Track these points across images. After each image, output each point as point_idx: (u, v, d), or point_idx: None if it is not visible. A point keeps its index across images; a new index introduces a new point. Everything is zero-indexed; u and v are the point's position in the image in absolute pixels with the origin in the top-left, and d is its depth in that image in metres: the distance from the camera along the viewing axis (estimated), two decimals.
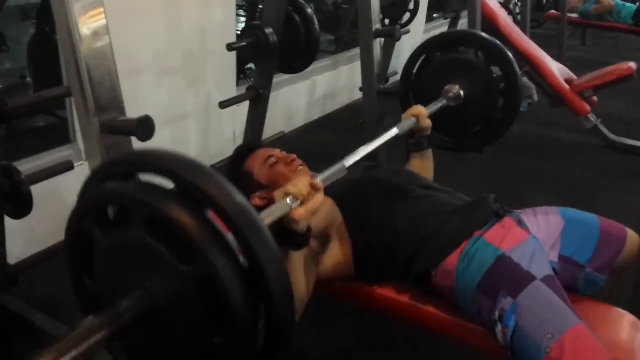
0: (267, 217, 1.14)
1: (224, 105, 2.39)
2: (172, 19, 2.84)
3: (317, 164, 2.53)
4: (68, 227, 1.04)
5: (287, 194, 1.22)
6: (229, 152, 3.04)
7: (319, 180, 1.31)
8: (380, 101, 2.55)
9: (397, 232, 1.54)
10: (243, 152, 1.84)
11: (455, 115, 2.20)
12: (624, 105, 4.78)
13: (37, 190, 1.55)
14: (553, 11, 6.55)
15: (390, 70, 3.20)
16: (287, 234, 1.23)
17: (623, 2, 6.18)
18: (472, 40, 2.37)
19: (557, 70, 3.97)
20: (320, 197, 1.27)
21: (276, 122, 3.44)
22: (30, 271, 1.90)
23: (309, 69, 2.85)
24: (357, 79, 4.44)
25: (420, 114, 1.87)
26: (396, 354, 2.01)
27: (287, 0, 2.43)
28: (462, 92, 2.18)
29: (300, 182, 1.24)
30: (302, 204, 1.22)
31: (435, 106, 2.07)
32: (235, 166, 1.80)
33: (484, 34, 2.38)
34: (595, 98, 3.87)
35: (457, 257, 1.46)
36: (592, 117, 3.87)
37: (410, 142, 1.94)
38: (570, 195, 3.16)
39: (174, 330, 0.92)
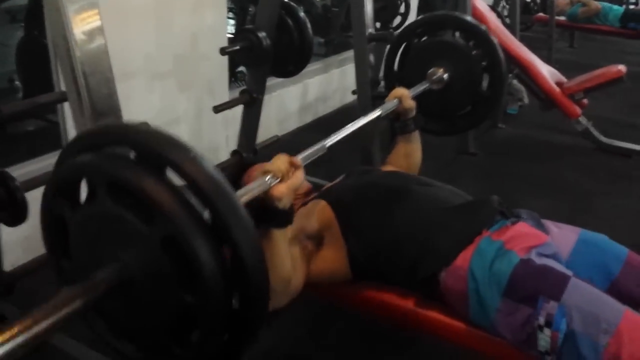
0: (245, 194, 1.12)
1: (217, 109, 2.36)
2: (163, 22, 2.81)
3: (311, 168, 2.53)
4: (42, 211, 1.06)
5: (265, 172, 1.20)
6: (221, 156, 3.02)
7: (299, 158, 1.30)
8: (375, 105, 2.53)
9: (396, 235, 1.51)
10: (238, 170, 1.84)
11: (443, 98, 2.23)
12: (613, 108, 4.81)
13: (31, 196, 1.52)
14: (541, 14, 6.59)
15: (382, 73, 3.20)
16: (269, 212, 1.21)
17: (610, 5, 6.22)
18: (447, 21, 2.39)
19: (547, 72, 3.99)
20: (300, 174, 1.25)
21: (269, 126, 3.42)
22: (27, 279, 1.88)
23: (301, 72, 2.83)
24: (349, 82, 4.45)
25: (403, 95, 1.87)
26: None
27: (280, 4, 2.41)
28: (445, 75, 2.20)
29: (278, 160, 1.23)
30: (281, 181, 1.21)
31: (418, 88, 2.07)
32: (231, 183, 1.79)
33: (457, 14, 2.41)
34: (585, 100, 3.89)
35: (469, 259, 1.41)
36: (582, 120, 3.89)
37: (396, 125, 1.95)
38: (563, 198, 3.18)
39: (147, 294, 0.93)
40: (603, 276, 1.46)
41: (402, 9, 4.03)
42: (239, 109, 2.68)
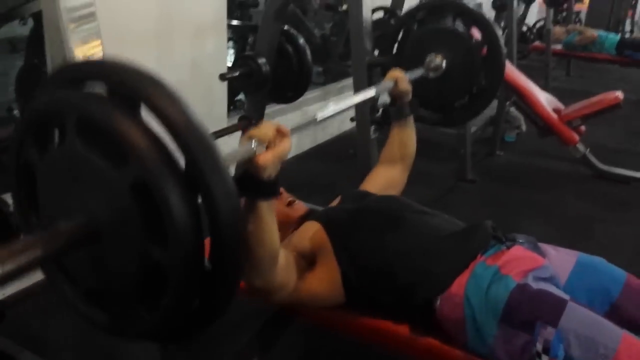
0: (227, 159, 1.04)
1: (216, 135, 2.37)
2: (164, 50, 2.83)
3: (309, 195, 2.53)
4: (10, 161, 0.98)
5: (250, 138, 1.12)
6: None
7: (290, 127, 1.23)
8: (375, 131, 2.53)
9: (391, 262, 1.49)
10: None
11: (440, 87, 2.21)
12: (611, 135, 4.83)
13: None
14: (537, 42, 6.66)
15: (380, 101, 3.21)
16: (254, 181, 1.14)
17: (606, 33, 6.29)
18: (449, 7, 2.35)
19: (545, 100, 4.00)
20: (287, 143, 1.17)
21: None
22: (16, 307, 1.86)
23: (299, 99, 2.84)
24: (347, 109, 4.47)
25: (399, 77, 1.85)
26: None
27: (280, 31, 2.44)
28: (443, 62, 2.17)
29: (265, 126, 1.16)
30: (267, 149, 1.14)
31: (415, 73, 2.05)
32: None
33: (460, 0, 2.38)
34: (583, 127, 3.89)
35: (464, 285, 1.39)
36: (580, 147, 3.89)
37: (392, 109, 1.93)
38: (564, 225, 3.16)
39: (113, 248, 0.85)
40: (602, 300, 1.44)
41: (399, 36, 4.07)
42: (237, 137, 2.68)
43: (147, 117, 0.83)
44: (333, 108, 1.50)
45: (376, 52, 3.95)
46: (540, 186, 3.83)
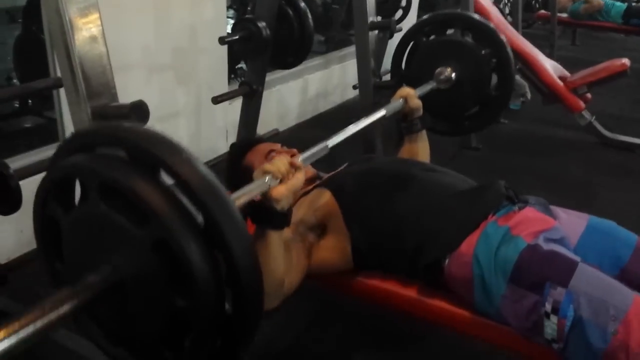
0: (243, 195, 1.12)
1: (216, 100, 2.34)
2: (162, 15, 2.78)
3: (311, 164, 2.51)
4: (34, 213, 1.05)
5: (265, 173, 1.19)
6: (221, 150, 3.00)
7: (300, 159, 1.28)
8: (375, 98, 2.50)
9: (400, 222, 1.47)
10: (243, 146, 1.81)
11: (450, 98, 2.19)
12: (616, 104, 4.77)
13: (26, 190, 1.49)
14: (543, 11, 6.56)
15: (383, 69, 3.17)
16: (267, 213, 1.20)
17: (612, 2, 6.19)
18: (456, 20, 2.36)
19: (550, 67, 3.95)
20: (300, 175, 1.24)
21: (269, 121, 3.38)
22: (20, 271, 1.87)
23: (301, 67, 2.81)
24: (349, 78, 4.42)
25: (409, 94, 1.85)
26: (400, 353, 1.96)
27: None
28: (453, 74, 2.16)
29: (279, 161, 1.21)
30: (281, 182, 1.20)
31: (424, 88, 2.05)
32: (235, 160, 1.77)
33: (467, 13, 2.37)
34: (589, 95, 3.84)
35: (474, 244, 1.37)
36: (586, 114, 3.85)
37: (403, 125, 1.92)
38: (569, 193, 3.13)
39: (138, 298, 0.92)
40: (612, 263, 1.42)
41: (403, 2, 4.00)
42: (238, 104, 2.66)
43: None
44: (344, 134, 1.52)
45: (379, 18, 3.91)
46: (545, 154, 3.79)
